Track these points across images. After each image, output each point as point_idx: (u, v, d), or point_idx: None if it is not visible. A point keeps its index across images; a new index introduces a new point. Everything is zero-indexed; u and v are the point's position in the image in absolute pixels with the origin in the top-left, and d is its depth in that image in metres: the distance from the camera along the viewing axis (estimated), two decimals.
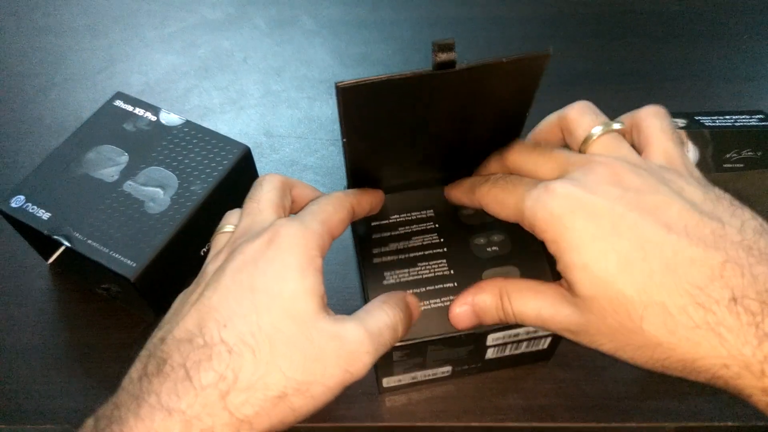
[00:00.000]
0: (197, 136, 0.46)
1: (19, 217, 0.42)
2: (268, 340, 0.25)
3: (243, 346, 0.25)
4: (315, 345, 0.26)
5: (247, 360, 0.25)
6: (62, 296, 0.47)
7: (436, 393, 0.42)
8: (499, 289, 0.31)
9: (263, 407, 0.25)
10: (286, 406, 0.25)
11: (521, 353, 0.39)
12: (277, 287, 0.27)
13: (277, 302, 0.26)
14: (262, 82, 0.62)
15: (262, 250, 0.28)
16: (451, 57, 0.28)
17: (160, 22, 0.68)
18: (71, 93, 0.61)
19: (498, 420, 0.41)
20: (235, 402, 0.24)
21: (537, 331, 0.37)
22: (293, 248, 0.28)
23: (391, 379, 0.40)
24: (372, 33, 0.66)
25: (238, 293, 0.27)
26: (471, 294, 0.32)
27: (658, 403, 0.41)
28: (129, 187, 0.43)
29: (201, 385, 0.24)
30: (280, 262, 0.27)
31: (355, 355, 0.27)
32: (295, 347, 0.26)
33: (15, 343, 0.45)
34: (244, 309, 0.26)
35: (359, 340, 0.27)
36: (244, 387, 0.25)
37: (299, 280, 0.27)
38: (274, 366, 0.25)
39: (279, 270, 0.27)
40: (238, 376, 0.25)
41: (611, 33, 0.65)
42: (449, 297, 0.35)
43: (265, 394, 0.25)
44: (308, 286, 0.27)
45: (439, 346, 0.36)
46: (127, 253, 0.40)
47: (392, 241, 0.36)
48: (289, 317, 0.26)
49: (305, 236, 0.28)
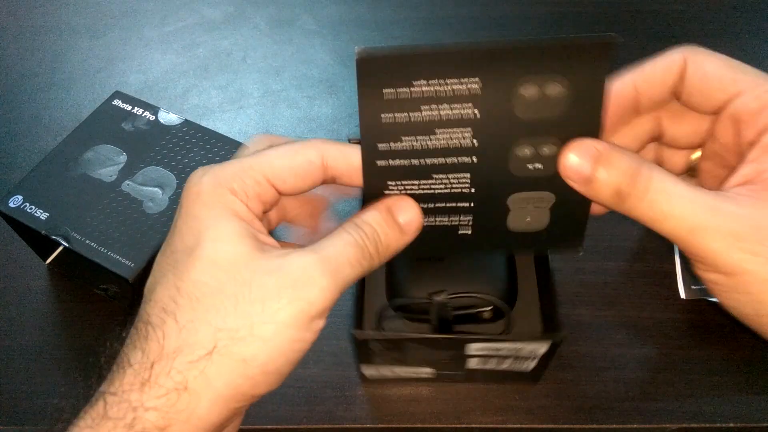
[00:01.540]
0: (196, 135, 0.46)
1: (17, 216, 0.41)
2: (189, 299, 0.24)
3: (164, 314, 0.24)
4: (252, 286, 0.24)
5: (169, 326, 0.23)
6: (60, 296, 0.47)
7: (435, 393, 0.42)
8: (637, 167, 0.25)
9: (198, 367, 0.23)
10: (229, 359, 0.23)
11: (505, 370, 0.39)
12: (192, 241, 0.25)
13: (195, 256, 0.24)
14: (262, 82, 0.61)
15: (178, 212, 0.26)
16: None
17: (159, 21, 0.67)
18: (70, 92, 0.61)
19: (498, 421, 0.41)
20: (162, 372, 0.23)
21: (521, 350, 0.37)
22: (202, 200, 0.25)
23: (370, 368, 0.40)
24: (372, 32, 0.66)
25: (161, 262, 0.26)
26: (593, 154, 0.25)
27: (659, 404, 0.41)
28: (127, 186, 0.43)
29: (130, 364, 0.23)
30: (191, 217, 0.25)
31: (302, 281, 0.24)
32: (224, 295, 0.24)
33: (12, 344, 0.45)
34: (165, 275, 0.25)
35: (305, 266, 0.24)
36: (170, 354, 0.23)
37: (215, 227, 0.25)
38: (200, 322, 0.23)
39: (191, 225, 0.25)
40: (164, 344, 0.23)
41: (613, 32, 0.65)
42: (459, 217, 0.29)
43: (194, 353, 0.23)
44: (229, 230, 0.25)
45: (417, 345, 0.36)
46: (125, 253, 0.40)
47: (408, 133, 0.27)
48: (212, 267, 0.24)
49: (216, 182, 0.26)
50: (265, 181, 0.26)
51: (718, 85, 0.27)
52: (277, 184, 0.27)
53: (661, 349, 0.44)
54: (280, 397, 0.42)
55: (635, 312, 0.45)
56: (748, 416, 0.41)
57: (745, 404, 0.41)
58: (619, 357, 0.43)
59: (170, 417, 0.22)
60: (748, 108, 0.26)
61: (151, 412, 0.22)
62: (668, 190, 0.25)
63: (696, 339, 0.44)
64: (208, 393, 0.23)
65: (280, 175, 0.26)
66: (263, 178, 0.26)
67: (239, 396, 0.24)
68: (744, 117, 0.26)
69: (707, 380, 0.42)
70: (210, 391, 0.23)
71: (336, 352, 0.43)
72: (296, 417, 0.41)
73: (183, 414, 0.23)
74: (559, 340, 0.35)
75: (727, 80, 0.26)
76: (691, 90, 0.28)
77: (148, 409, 0.22)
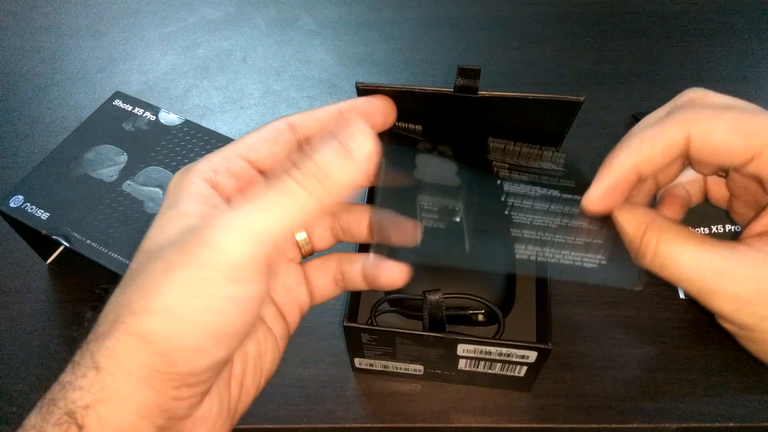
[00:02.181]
0: (197, 135, 0.46)
1: (18, 216, 0.41)
2: (119, 286, 0.23)
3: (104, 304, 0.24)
4: (160, 259, 0.22)
5: (102, 313, 0.23)
6: (61, 296, 0.47)
7: (435, 393, 0.42)
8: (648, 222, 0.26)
9: (104, 346, 0.22)
10: (131, 336, 0.22)
11: (496, 374, 0.39)
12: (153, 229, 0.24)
13: (139, 248, 0.24)
14: (262, 82, 0.62)
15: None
16: (473, 83, 0.27)
17: (159, 21, 0.67)
18: (70, 93, 0.61)
19: (498, 420, 0.41)
20: (85, 353, 0.23)
21: (511, 356, 0.37)
22: (168, 190, 0.26)
23: (362, 360, 0.41)
24: (372, 33, 0.66)
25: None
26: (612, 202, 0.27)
27: (659, 404, 0.41)
28: (128, 186, 0.43)
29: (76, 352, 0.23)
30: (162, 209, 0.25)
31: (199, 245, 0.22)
32: (138, 274, 0.23)
33: (13, 343, 0.45)
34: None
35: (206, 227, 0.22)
36: (93, 336, 0.23)
37: (161, 215, 0.24)
38: (112, 303, 0.23)
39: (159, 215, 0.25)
40: (95, 329, 0.23)
41: (611, 33, 0.65)
42: None
43: (100, 332, 0.22)
44: (171, 215, 0.24)
45: (407, 341, 0.37)
46: (126, 253, 0.40)
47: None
48: (143, 253, 0.24)
49: (183, 173, 0.26)
50: (234, 156, 0.26)
51: (731, 156, 0.25)
52: (252, 156, 0.26)
53: (660, 348, 0.44)
54: (280, 397, 0.42)
55: (635, 312, 0.45)
56: (748, 416, 0.41)
57: (745, 404, 0.41)
58: (619, 357, 0.43)
59: (93, 397, 0.22)
60: (766, 170, 0.25)
61: (76, 392, 0.22)
62: (675, 253, 0.25)
63: (696, 339, 0.44)
64: (121, 372, 0.22)
65: (252, 146, 0.26)
66: (235, 155, 0.26)
67: (158, 375, 0.22)
68: (765, 176, 0.25)
69: (707, 380, 0.42)
70: (122, 371, 0.22)
71: (336, 351, 0.44)
72: (296, 417, 0.41)
73: (105, 394, 0.22)
74: (547, 349, 0.36)
75: (739, 150, 0.25)
76: (701, 162, 0.27)
77: (75, 389, 0.22)
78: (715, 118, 0.25)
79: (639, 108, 0.57)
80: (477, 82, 0.27)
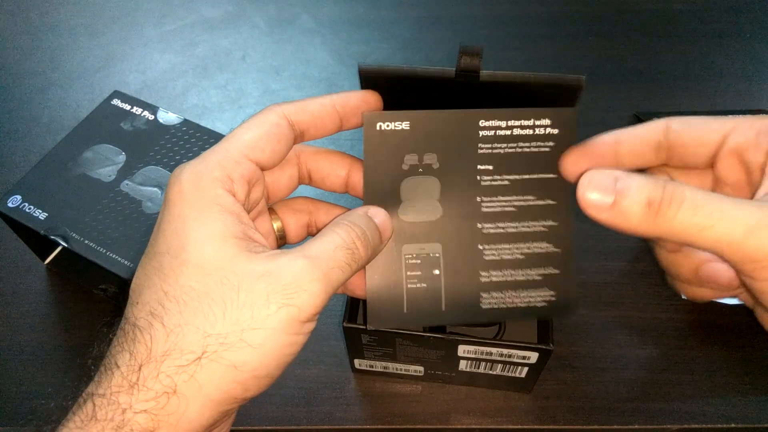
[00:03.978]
0: (195, 135, 0.45)
1: (16, 216, 0.41)
2: (177, 303, 0.23)
3: (151, 318, 0.23)
4: (240, 291, 0.23)
5: (157, 330, 0.23)
6: (59, 297, 0.47)
7: (435, 394, 0.42)
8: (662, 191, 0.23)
9: (188, 372, 0.23)
10: (219, 364, 0.23)
11: (497, 375, 0.39)
12: (177, 243, 0.24)
13: (181, 260, 0.24)
14: (261, 81, 0.61)
15: (161, 212, 0.25)
16: (476, 64, 0.27)
17: (158, 20, 0.67)
18: (69, 92, 0.60)
19: (499, 421, 0.41)
20: (150, 375, 0.23)
21: (512, 357, 0.37)
22: (184, 197, 0.25)
23: (362, 361, 0.41)
24: (372, 32, 0.65)
25: (146, 264, 0.25)
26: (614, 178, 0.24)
27: (660, 405, 0.41)
28: (126, 186, 0.43)
29: (118, 366, 0.23)
30: (176, 217, 0.25)
31: (292, 286, 0.24)
32: (211, 299, 0.23)
33: (11, 344, 0.45)
34: (151, 278, 0.24)
35: (297, 270, 0.24)
36: (158, 357, 0.23)
37: (199, 228, 0.24)
38: (188, 327, 0.23)
39: (175, 225, 0.24)
40: (151, 348, 0.23)
41: (613, 32, 0.65)
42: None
43: (183, 357, 0.23)
44: (214, 231, 0.24)
45: (408, 342, 0.36)
46: (124, 253, 0.39)
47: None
48: (199, 271, 0.24)
49: (197, 177, 0.25)
50: (244, 159, 0.26)
51: (708, 130, 0.27)
52: (258, 157, 0.26)
53: (662, 349, 0.43)
54: (280, 398, 0.42)
55: (636, 312, 0.45)
56: (750, 417, 0.40)
57: (747, 405, 0.41)
58: (620, 357, 0.43)
59: (159, 419, 0.22)
60: (745, 136, 0.26)
61: (140, 415, 0.22)
62: (707, 197, 0.23)
63: (697, 339, 0.44)
64: (199, 397, 0.23)
65: (257, 145, 0.26)
66: (242, 157, 0.26)
67: (230, 400, 0.24)
68: (745, 145, 0.26)
69: (709, 381, 0.42)
70: (200, 396, 0.23)
71: (336, 353, 0.43)
72: (296, 418, 0.41)
73: (173, 417, 0.22)
74: (549, 350, 0.35)
75: (715, 125, 0.26)
76: (682, 143, 0.27)
77: (137, 412, 0.22)
78: (689, 117, 0.27)
79: (641, 107, 0.57)
80: (479, 63, 0.27)
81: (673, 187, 0.23)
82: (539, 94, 0.28)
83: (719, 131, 0.26)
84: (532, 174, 0.29)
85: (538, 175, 0.29)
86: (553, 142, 0.29)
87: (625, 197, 0.24)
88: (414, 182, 0.30)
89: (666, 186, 0.23)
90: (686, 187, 0.23)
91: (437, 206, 0.30)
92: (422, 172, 0.29)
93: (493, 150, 0.29)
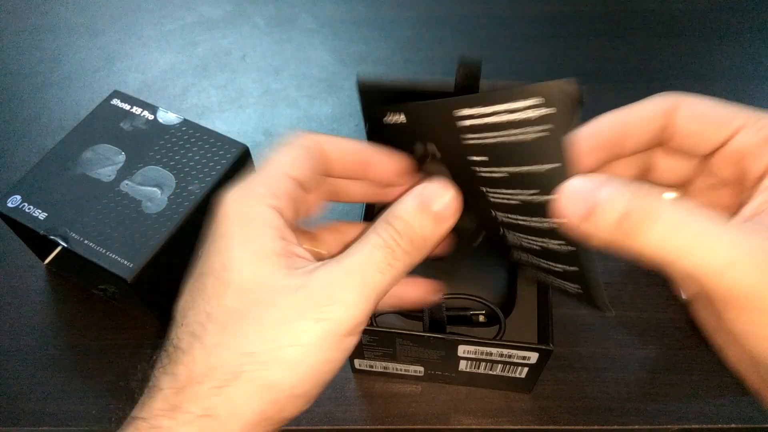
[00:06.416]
0: (195, 135, 0.45)
1: (16, 216, 0.41)
2: (218, 324, 0.23)
3: (193, 339, 0.23)
4: (275, 307, 0.23)
5: (197, 351, 0.23)
6: (59, 297, 0.47)
7: (435, 394, 0.42)
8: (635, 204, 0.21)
9: (224, 393, 0.22)
10: (253, 384, 0.22)
11: (497, 376, 0.39)
12: (219, 263, 0.24)
13: (222, 280, 0.24)
14: (261, 81, 0.61)
15: (208, 233, 0.25)
16: (475, 77, 0.27)
17: (158, 20, 0.67)
18: (68, 92, 0.60)
19: (499, 422, 0.41)
20: (190, 398, 0.23)
21: (512, 357, 0.37)
22: (228, 216, 0.25)
23: (362, 362, 0.41)
24: (372, 31, 0.65)
25: (191, 286, 0.25)
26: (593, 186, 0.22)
27: (661, 405, 0.41)
28: (126, 186, 0.43)
29: (160, 389, 0.23)
30: (220, 236, 0.24)
31: (325, 299, 0.23)
32: (248, 318, 0.23)
33: (11, 345, 0.45)
34: (195, 299, 0.24)
35: (330, 281, 0.23)
36: (197, 379, 0.23)
37: (241, 246, 0.24)
38: (226, 347, 0.23)
39: (219, 245, 0.24)
40: (192, 369, 0.23)
41: (613, 32, 0.65)
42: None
43: (219, 378, 0.22)
44: (255, 248, 0.24)
45: (407, 342, 0.36)
46: (124, 253, 0.39)
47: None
48: (238, 291, 0.23)
49: (241, 195, 0.25)
50: (284, 177, 0.26)
51: (716, 124, 0.25)
52: (297, 174, 0.26)
53: (662, 349, 0.43)
54: None
55: (637, 312, 0.45)
56: (750, 417, 0.40)
57: (747, 405, 0.41)
58: (621, 358, 0.43)
59: None
60: (750, 143, 0.24)
61: None
62: (686, 217, 0.20)
63: (697, 340, 0.44)
64: (234, 419, 0.22)
65: (295, 164, 0.26)
66: (283, 175, 0.26)
67: (265, 421, 0.23)
68: (747, 152, 0.24)
69: (709, 381, 0.42)
70: (236, 418, 0.22)
71: None
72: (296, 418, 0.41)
73: None
74: (549, 350, 0.35)
75: (725, 119, 0.25)
76: (686, 132, 0.26)
77: None
78: (699, 97, 0.26)
79: None
80: (478, 75, 0.27)
81: (652, 201, 0.20)
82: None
83: (727, 127, 0.25)
84: (531, 164, 0.25)
85: (538, 165, 0.25)
86: (551, 125, 0.24)
87: (600, 208, 0.21)
88: (432, 167, 0.29)
89: (648, 194, 0.21)
90: (667, 202, 0.21)
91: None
92: (430, 161, 0.29)
93: (482, 140, 0.26)
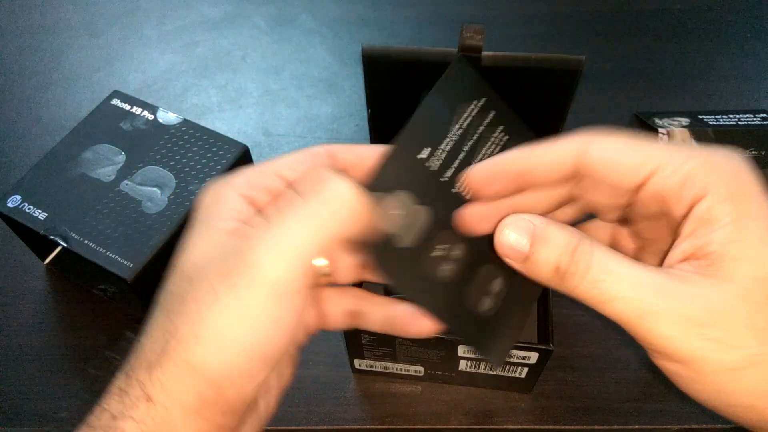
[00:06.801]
0: (195, 135, 0.45)
1: (16, 216, 0.41)
2: (161, 311, 0.23)
3: (147, 327, 0.23)
4: (197, 282, 0.22)
5: (144, 338, 0.23)
6: (59, 297, 0.47)
7: (435, 394, 0.42)
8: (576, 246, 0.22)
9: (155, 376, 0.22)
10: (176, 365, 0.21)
11: (498, 375, 0.39)
12: (179, 251, 0.24)
13: (174, 266, 0.23)
14: (261, 81, 0.61)
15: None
16: (478, 41, 0.27)
17: (158, 20, 0.67)
18: (68, 92, 0.60)
19: (499, 422, 0.41)
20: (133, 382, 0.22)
21: (512, 357, 0.37)
22: (201, 204, 0.25)
23: (362, 362, 0.41)
24: (372, 31, 0.65)
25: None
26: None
27: (661, 405, 0.41)
28: (126, 186, 0.43)
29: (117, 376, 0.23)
30: (189, 225, 0.24)
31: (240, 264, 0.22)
32: (178, 299, 0.22)
33: (11, 344, 0.44)
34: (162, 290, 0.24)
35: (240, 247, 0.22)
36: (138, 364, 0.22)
37: (197, 233, 0.24)
38: (157, 331, 0.22)
39: (186, 233, 0.24)
40: (138, 355, 0.23)
41: (613, 31, 0.65)
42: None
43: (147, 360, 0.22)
44: (204, 231, 0.24)
45: (408, 342, 0.37)
46: (124, 253, 0.39)
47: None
48: (179, 274, 0.23)
49: (218, 186, 0.25)
50: (270, 172, 0.25)
51: (628, 168, 0.23)
52: (285, 173, 0.25)
53: None
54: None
55: None
56: None
57: None
58: (621, 358, 0.43)
59: (146, 428, 0.21)
60: (668, 184, 0.22)
61: (129, 422, 0.21)
62: (612, 268, 0.22)
63: None
64: (174, 404, 0.21)
65: (285, 164, 0.25)
66: (269, 170, 0.25)
67: (210, 404, 0.22)
68: (667, 194, 0.23)
69: None
70: (174, 402, 0.21)
71: (336, 353, 0.43)
72: (296, 418, 0.41)
73: (158, 426, 0.21)
74: (549, 350, 0.35)
75: (637, 161, 0.23)
76: (598, 176, 0.24)
77: (126, 418, 0.21)
78: (611, 135, 0.24)
79: (641, 107, 0.57)
80: (481, 40, 0.27)
81: (582, 253, 0.22)
82: (540, 75, 0.28)
83: (641, 170, 0.23)
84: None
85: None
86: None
87: (535, 254, 0.23)
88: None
89: (578, 248, 0.22)
90: (596, 252, 0.22)
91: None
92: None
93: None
